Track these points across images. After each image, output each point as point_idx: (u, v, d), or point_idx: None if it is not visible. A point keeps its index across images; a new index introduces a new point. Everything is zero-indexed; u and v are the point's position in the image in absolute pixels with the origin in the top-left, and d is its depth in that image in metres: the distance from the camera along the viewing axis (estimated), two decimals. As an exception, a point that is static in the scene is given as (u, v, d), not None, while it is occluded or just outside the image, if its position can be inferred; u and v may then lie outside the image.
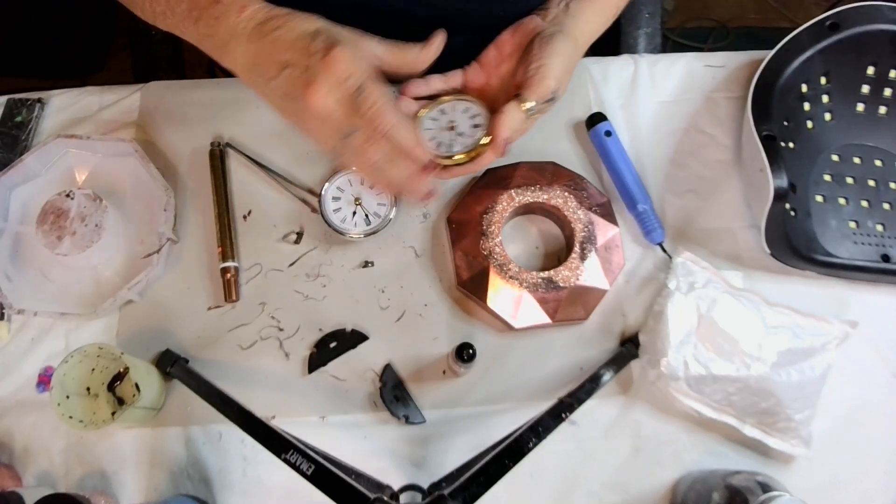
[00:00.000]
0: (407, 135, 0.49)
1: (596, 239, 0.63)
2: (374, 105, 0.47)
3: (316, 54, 0.47)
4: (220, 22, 0.52)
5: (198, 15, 0.53)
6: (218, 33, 0.52)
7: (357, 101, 0.47)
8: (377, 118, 0.47)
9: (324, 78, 0.46)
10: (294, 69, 0.48)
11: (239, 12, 0.51)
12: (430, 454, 0.58)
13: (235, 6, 0.52)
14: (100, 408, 0.58)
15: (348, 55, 0.47)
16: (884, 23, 0.66)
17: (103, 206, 0.62)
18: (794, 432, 0.57)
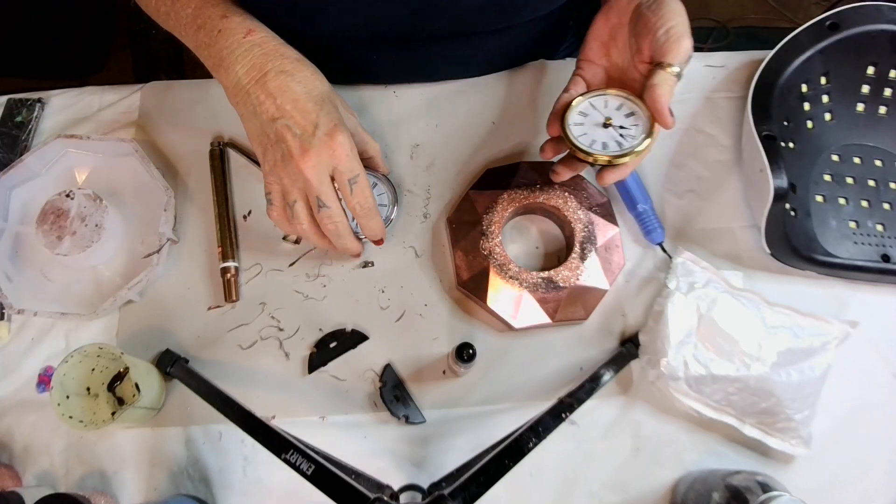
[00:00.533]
0: (375, 224, 0.57)
1: (596, 239, 0.63)
2: (365, 191, 0.54)
3: (319, 129, 0.51)
4: (221, 37, 0.54)
5: (201, 23, 0.55)
6: (216, 46, 0.54)
7: (351, 188, 0.53)
8: (367, 206, 0.55)
9: (318, 153, 0.51)
10: (293, 126, 0.52)
11: (245, 34, 0.53)
12: (430, 454, 0.58)
13: (243, 27, 0.54)
14: (100, 408, 0.58)
15: (348, 143, 0.52)
16: (884, 23, 0.66)
17: (103, 206, 0.62)
18: (794, 432, 0.57)
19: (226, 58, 0.53)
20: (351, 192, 0.54)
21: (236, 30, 0.53)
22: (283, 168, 0.53)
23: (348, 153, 0.52)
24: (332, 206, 0.53)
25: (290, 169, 0.52)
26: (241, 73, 0.53)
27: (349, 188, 0.53)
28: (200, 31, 0.55)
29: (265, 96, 0.52)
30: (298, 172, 0.52)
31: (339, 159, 0.52)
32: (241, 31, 0.53)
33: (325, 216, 0.54)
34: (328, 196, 0.53)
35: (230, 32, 0.54)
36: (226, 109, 0.71)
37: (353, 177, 0.53)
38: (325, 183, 0.52)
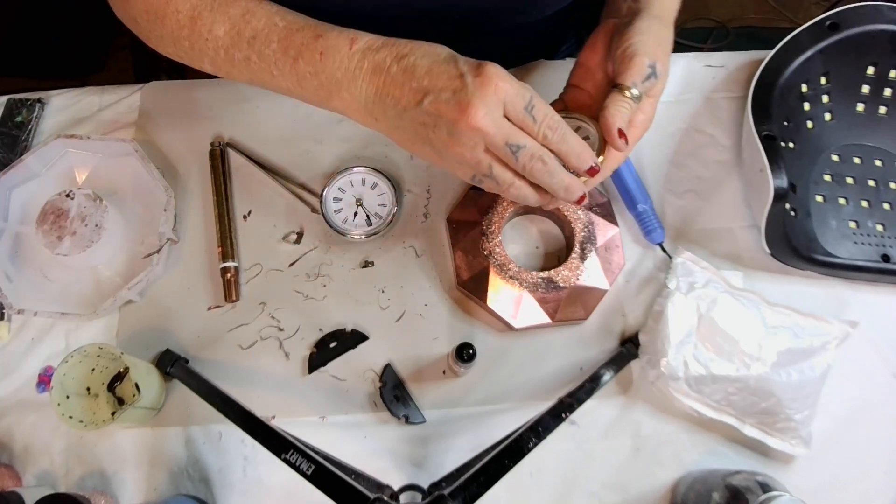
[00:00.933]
0: (575, 141, 0.47)
1: (596, 239, 0.63)
2: (549, 113, 0.46)
3: (466, 75, 0.45)
4: (326, 57, 0.49)
5: (296, 53, 0.50)
6: (326, 70, 0.49)
7: (531, 115, 0.45)
8: (555, 125, 0.46)
9: (481, 98, 0.44)
10: (439, 94, 0.45)
11: (350, 44, 0.48)
12: (430, 454, 0.58)
13: (343, 38, 0.48)
14: (100, 408, 0.58)
15: (503, 73, 0.45)
16: (884, 23, 0.66)
17: (103, 206, 0.62)
18: (794, 432, 0.57)
19: (342, 79, 0.48)
20: (534, 121, 0.46)
21: (340, 45, 0.48)
22: (457, 142, 0.46)
23: (509, 81, 0.45)
24: (526, 143, 0.46)
25: (462, 137, 0.45)
26: (363, 87, 0.48)
27: (529, 117, 0.46)
28: (299, 62, 0.50)
29: (397, 89, 0.46)
30: (471, 132, 0.45)
31: (502, 91, 0.44)
32: (345, 45, 0.48)
33: (524, 158, 0.46)
34: (516, 135, 0.46)
35: (334, 50, 0.48)
36: (226, 109, 0.71)
37: (527, 103, 0.45)
38: (504, 125, 0.45)
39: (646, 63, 0.50)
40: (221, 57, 0.54)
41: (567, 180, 0.48)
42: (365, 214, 0.65)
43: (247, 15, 0.52)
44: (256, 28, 0.51)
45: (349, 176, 0.66)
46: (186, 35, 0.54)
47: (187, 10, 0.53)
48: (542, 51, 0.74)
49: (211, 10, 0.53)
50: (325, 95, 0.50)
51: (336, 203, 0.65)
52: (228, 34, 0.52)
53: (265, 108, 0.72)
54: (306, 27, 0.50)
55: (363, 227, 0.64)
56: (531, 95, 0.46)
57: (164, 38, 0.56)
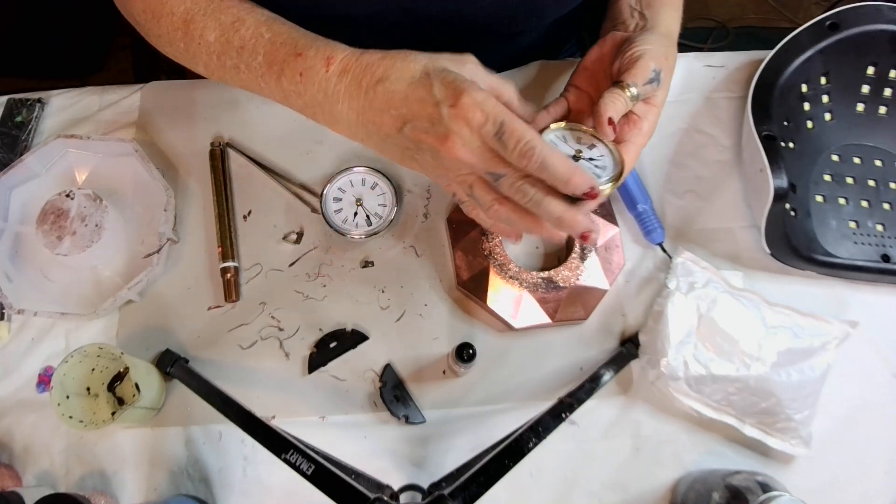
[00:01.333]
0: (559, 165, 0.43)
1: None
2: (522, 139, 0.43)
3: (442, 104, 0.44)
4: (306, 79, 0.48)
5: (279, 70, 0.49)
6: (308, 91, 0.49)
7: (501, 142, 0.43)
8: (529, 152, 0.43)
9: (457, 131, 0.43)
10: (418, 123, 0.45)
11: (326, 66, 0.48)
12: (430, 454, 0.58)
13: (320, 58, 0.48)
14: (100, 408, 0.58)
15: (478, 98, 0.43)
16: (884, 23, 0.66)
17: (103, 206, 0.62)
18: (794, 432, 0.57)
19: (323, 101, 0.48)
20: (505, 147, 0.43)
21: (317, 67, 0.48)
22: (440, 166, 0.46)
23: (480, 109, 0.43)
24: (506, 172, 0.45)
25: (445, 162, 0.46)
26: (344, 110, 0.48)
27: (500, 143, 0.43)
28: (282, 80, 0.50)
29: (377, 116, 0.47)
30: (453, 160, 0.45)
31: (475, 121, 0.43)
32: (320, 66, 0.48)
33: (505, 186, 0.45)
34: (495, 165, 0.45)
35: (312, 72, 0.48)
36: (226, 109, 0.71)
37: (497, 129, 0.43)
38: (483, 154, 0.44)
39: (651, 66, 0.50)
40: (214, 62, 0.53)
41: (556, 211, 0.45)
42: (365, 214, 0.65)
43: (236, 23, 0.51)
44: (244, 38, 0.51)
45: (349, 176, 0.66)
46: (181, 37, 0.54)
47: (181, 12, 0.53)
48: (542, 54, 0.74)
49: (203, 15, 0.52)
50: (311, 114, 0.51)
51: (336, 203, 0.65)
52: (219, 41, 0.52)
53: (265, 108, 0.72)
54: (288, 42, 0.50)
55: (363, 227, 0.64)
56: (502, 121, 0.43)
57: (162, 38, 0.56)
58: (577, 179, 0.43)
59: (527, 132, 0.43)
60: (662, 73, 0.51)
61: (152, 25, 0.56)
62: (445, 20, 0.59)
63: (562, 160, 0.43)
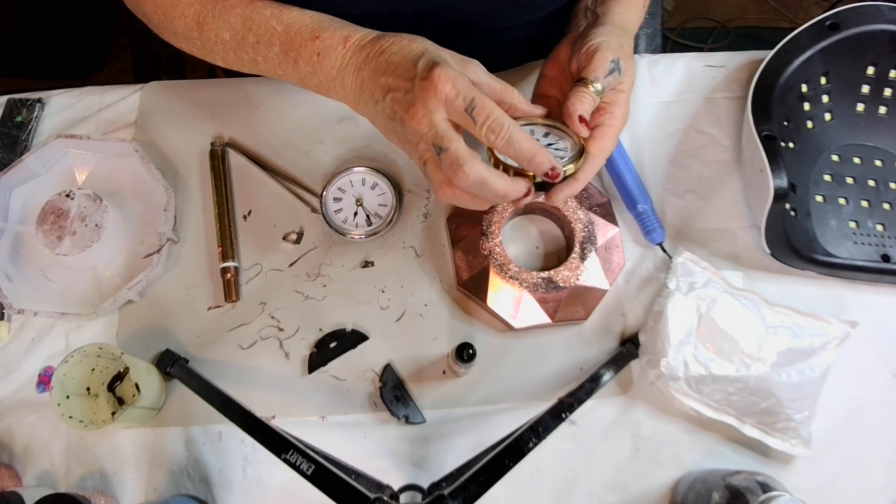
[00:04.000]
0: (524, 143, 0.45)
1: (596, 239, 0.63)
2: (491, 115, 0.45)
3: (416, 78, 0.46)
4: (323, 58, 0.51)
5: (296, 56, 0.52)
6: (323, 69, 0.51)
7: (471, 117, 0.45)
8: (497, 127, 0.45)
9: (422, 100, 0.45)
10: (395, 92, 0.47)
11: (343, 43, 0.51)
12: (430, 454, 0.58)
13: (338, 37, 0.51)
14: (100, 408, 0.58)
15: (450, 73, 0.45)
16: (884, 23, 0.66)
17: (103, 206, 0.62)
18: (794, 432, 0.57)
19: (336, 75, 0.51)
20: (474, 122, 0.45)
21: (335, 45, 0.51)
22: (405, 138, 0.48)
23: (452, 82, 0.44)
24: (448, 147, 0.45)
25: (407, 133, 0.47)
26: (351, 80, 0.50)
27: (470, 118, 0.45)
28: (299, 63, 0.52)
29: (372, 84, 0.49)
30: (413, 131, 0.46)
31: (441, 93, 0.44)
32: (339, 43, 0.51)
33: (445, 162, 0.46)
34: (442, 137, 0.45)
35: (330, 50, 0.51)
36: (226, 109, 0.71)
37: (468, 104, 0.45)
38: (435, 127, 0.45)
39: (608, 58, 0.52)
40: (232, 57, 0.57)
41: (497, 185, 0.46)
42: (365, 214, 0.65)
43: (247, 22, 0.54)
44: (259, 34, 0.54)
45: (349, 176, 0.66)
46: (197, 36, 0.57)
47: (193, 14, 0.56)
48: (538, 51, 0.74)
49: (213, 18, 0.55)
50: (325, 91, 0.53)
51: (336, 203, 0.65)
52: (234, 38, 0.55)
53: (265, 108, 0.72)
54: (303, 28, 0.52)
55: (363, 227, 0.64)
56: (473, 97, 0.45)
57: (178, 35, 0.59)
58: (541, 157, 0.46)
59: (496, 109, 0.45)
60: (621, 62, 0.52)
61: (167, 24, 0.58)
62: (437, 14, 0.59)
63: (528, 138, 0.46)
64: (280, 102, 0.72)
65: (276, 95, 0.72)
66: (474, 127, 0.45)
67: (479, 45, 0.67)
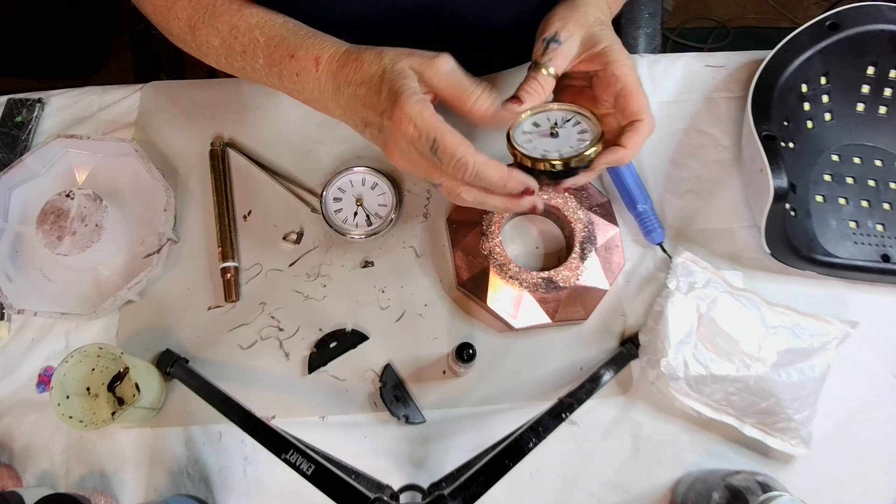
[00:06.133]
0: (493, 175, 0.46)
1: (596, 239, 0.63)
2: (454, 154, 0.45)
3: (384, 114, 0.47)
4: (302, 78, 0.52)
5: (279, 71, 0.53)
6: (305, 89, 0.52)
7: (437, 157, 0.46)
8: (459, 170, 0.46)
9: (394, 140, 0.47)
10: (372, 128, 0.49)
11: (315, 66, 0.51)
12: (430, 454, 0.58)
13: (310, 58, 0.51)
14: (100, 408, 0.58)
15: (410, 112, 0.45)
16: (884, 23, 0.66)
17: (103, 206, 0.62)
18: (794, 432, 0.57)
19: (318, 97, 0.52)
20: (440, 162, 0.46)
21: (308, 67, 0.51)
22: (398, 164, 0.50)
23: (414, 123, 0.45)
24: (441, 182, 0.48)
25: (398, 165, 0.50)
26: (332, 106, 0.52)
27: (436, 159, 0.46)
28: (283, 79, 0.53)
29: (350, 114, 0.51)
30: (399, 165, 0.49)
31: (408, 134, 0.46)
32: (311, 66, 0.51)
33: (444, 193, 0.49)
34: (431, 174, 0.48)
35: (306, 72, 0.51)
36: (226, 109, 0.71)
37: (430, 145, 0.45)
38: (420, 164, 0.48)
39: (543, 36, 0.52)
40: (224, 63, 0.57)
41: (497, 203, 0.49)
42: (365, 214, 0.65)
43: (233, 30, 0.54)
44: (244, 43, 0.54)
45: (349, 176, 0.66)
46: (191, 40, 0.58)
47: (185, 18, 0.57)
48: None
49: (203, 24, 0.56)
50: (313, 107, 0.54)
51: (336, 203, 0.65)
52: (223, 46, 0.56)
53: (265, 108, 0.72)
54: (282, 43, 0.52)
55: (363, 227, 0.64)
56: (435, 137, 0.45)
57: (175, 37, 0.60)
58: (512, 184, 0.47)
59: (459, 147, 0.45)
60: (560, 33, 0.51)
61: (164, 25, 0.59)
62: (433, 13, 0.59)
63: (495, 169, 0.46)
64: (280, 102, 0.72)
65: (276, 95, 0.72)
66: (440, 167, 0.46)
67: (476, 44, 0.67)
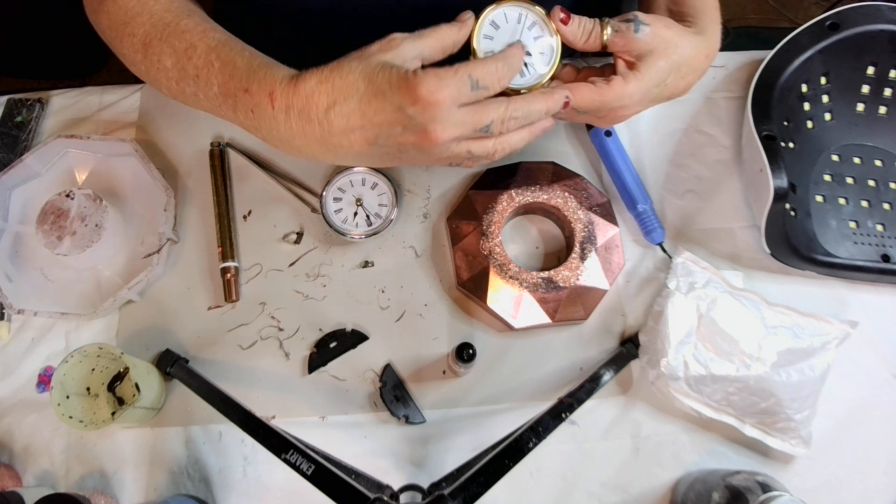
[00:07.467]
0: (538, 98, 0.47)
1: (596, 239, 0.63)
2: (496, 70, 0.45)
3: (404, 108, 0.43)
4: (257, 115, 0.47)
5: (234, 104, 0.48)
6: (262, 127, 0.48)
7: (483, 87, 0.44)
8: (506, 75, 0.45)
9: (432, 117, 0.43)
10: (390, 131, 0.44)
11: (270, 103, 0.46)
12: (430, 454, 0.58)
13: (264, 94, 0.46)
14: (100, 408, 0.58)
15: (431, 79, 0.42)
16: (884, 23, 0.66)
17: (103, 206, 0.62)
18: (794, 432, 0.57)
19: (279, 136, 0.47)
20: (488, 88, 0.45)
21: (263, 104, 0.46)
22: (429, 155, 0.46)
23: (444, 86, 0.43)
24: (492, 118, 0.45)
25: (434, 150, 0.45)
26: (304, 144, 0.47)
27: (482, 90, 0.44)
28: (238, 114, 0.49)
29: (343, 140, 0.45)
30: (440, 145, 0.45)
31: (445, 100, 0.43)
32: (266, 104, 0.46)
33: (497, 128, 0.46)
34: (479, 119, 0.45)
35: (261, 110, 0.46)
36: (226, 109, 0.71)
37: (471, 84, 0.44)
38: (466, 120, 0.44)
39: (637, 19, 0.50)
40: (174, 87, 0.52)
41: (542, 107, 0.47)
42: (365, 214, 0.65)
43: (189, 50, 0.50)
44: (198, 66, 0.49)
45: (349, 176, 0.66)
46: (141, 59, 0.53)
47: (141, 35, 0.52)
48: None
49: (160, 40, 0.51)
50: (274, 146, 0.49)
51: (336, 203, 0.65)
52: (175, 67, 0.51)
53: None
54: (236, 74, 0.48)
55: (363, 227, 0.64)
56: (467, 74, 0.43)
57: (126, 58, 0.55)
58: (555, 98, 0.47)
59: (490, 61, 0.45)
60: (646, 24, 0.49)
61: (116, 44, 0.55)
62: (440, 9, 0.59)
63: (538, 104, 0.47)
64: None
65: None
66: (488, 92, 0.45)
67: None
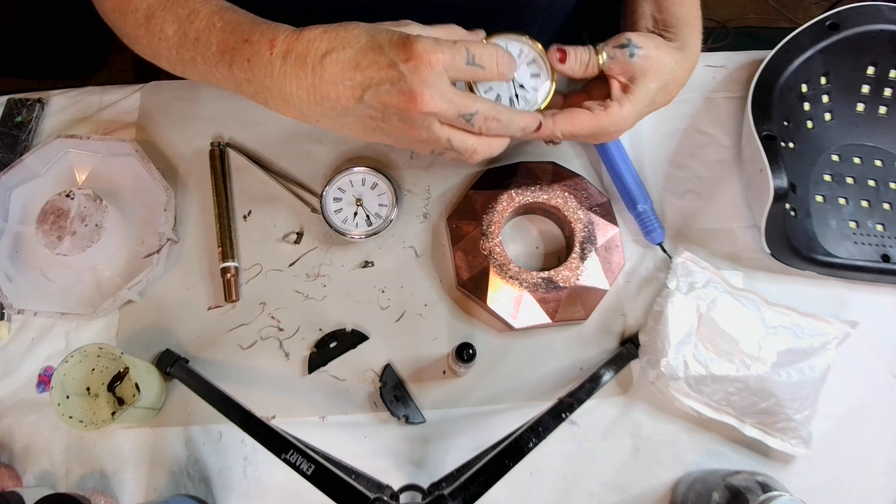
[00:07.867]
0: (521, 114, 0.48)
1: (596, 239, 0.63)
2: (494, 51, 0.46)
3: (397, 63, 0.43)
4: (253, 64, 0.48)
5: (230, 58, 0.49)
6: (255, 77, 0.48)
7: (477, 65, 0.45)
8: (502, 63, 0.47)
9: (421, 79, 0.43)
10: (378, 88, 0.44)
11: (269, 48, 0.47)
12: (430, 454, 0.58)
13: (265, 41, 0.47)
14: (100, 408, 0.58)
15: (431, 44, 0.43)
16: (884, 23, 0.66)
17: (103, 206, 0.62)
18: (794, 432, 0.57)
19: (271, 87, 0.47)
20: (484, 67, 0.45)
21: (262, 51, 0.47)
22: (410, 127, 0.46)
23: (440, 49, 0.43)
24: (478, 108, 0.46)
25: (416, 121, 0.45)
26: (294, 92, 0.47)
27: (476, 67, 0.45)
28: (233, 68, 0.49)
29: (331, 90, 0.45)
30: (423, 115, 0.44)
31: (438, 63, 0.43)
32: (265, 49, 0.47)
33: (479, 121, 0.46)
34: (466, 104, 0.45)
35: (258, 56, 0.47)
36: (226, 109, 0.71)
37: (468, 57, 0.44)
38: (453, 99, 0.45)
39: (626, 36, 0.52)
40: (174, 56, 0.53)
41: (522, 122, 0.49)
42: (365, 214, 0.65)
43: (192, 15, 0.51)
44: (199, 29, 0.51)
45: (349, 176, 0.66)
46: (143, 34, 0.54)
47: (144, 8, 0.53)
48: None
49: (163, 10, 0.53)
50: (263, 101, 0.50)
51: (336, 203, 0.65)
52: (177, 34, 0.52)
53: (265, 108, 0.71)
54: (237, 29, 0.49)
55: (363, 227, 0.64)
56: (465, 48, 0.44)
57: (128, 36, 0.57)
58: None
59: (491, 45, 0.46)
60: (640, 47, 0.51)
61: (121, 23, 0.56)
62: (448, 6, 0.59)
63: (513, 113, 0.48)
64: (280, 102, 0.72)
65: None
66: (484, 71, 0.46)
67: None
